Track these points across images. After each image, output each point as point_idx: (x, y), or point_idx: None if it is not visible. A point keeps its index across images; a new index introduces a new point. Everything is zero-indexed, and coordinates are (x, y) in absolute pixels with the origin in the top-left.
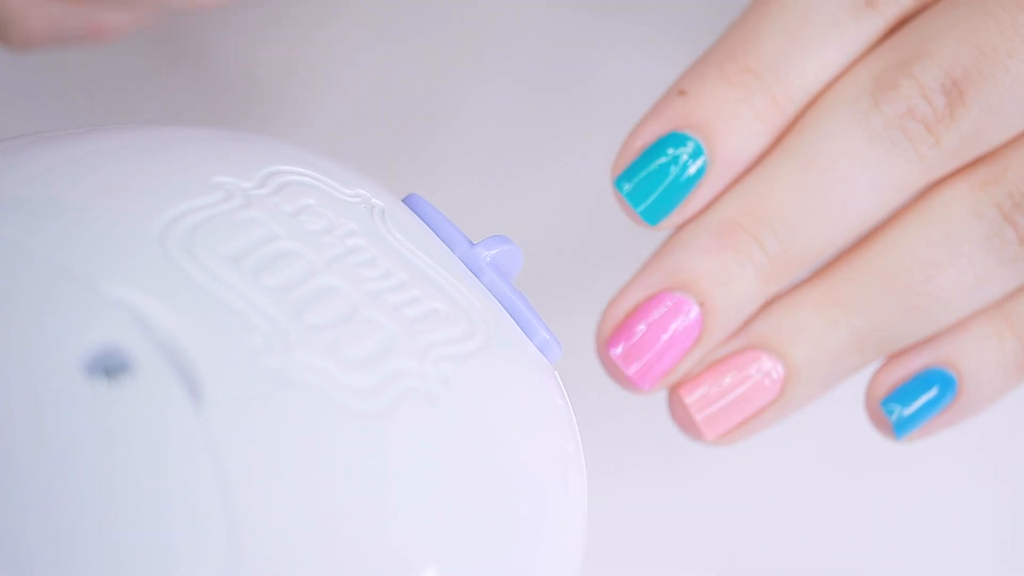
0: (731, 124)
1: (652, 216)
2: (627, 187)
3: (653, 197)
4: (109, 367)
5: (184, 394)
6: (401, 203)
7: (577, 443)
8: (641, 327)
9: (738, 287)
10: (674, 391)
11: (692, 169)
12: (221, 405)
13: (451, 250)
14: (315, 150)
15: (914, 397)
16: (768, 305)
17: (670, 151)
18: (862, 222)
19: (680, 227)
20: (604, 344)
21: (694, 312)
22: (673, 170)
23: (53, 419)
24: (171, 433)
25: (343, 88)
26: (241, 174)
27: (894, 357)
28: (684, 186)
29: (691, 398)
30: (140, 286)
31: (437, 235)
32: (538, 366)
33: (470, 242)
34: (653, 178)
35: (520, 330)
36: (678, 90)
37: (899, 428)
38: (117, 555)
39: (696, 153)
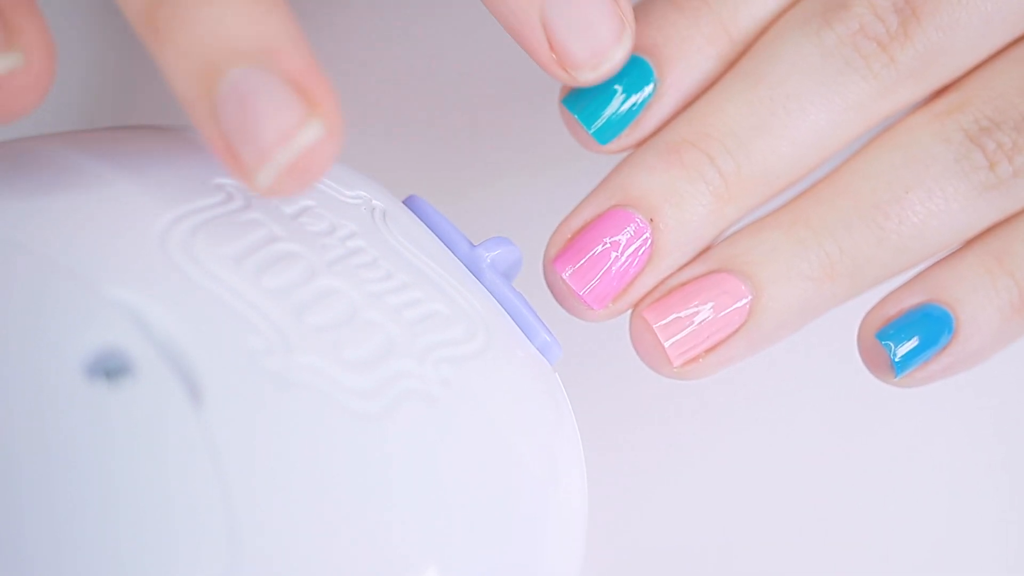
0: (680, 47)
1: (603, 135)
2: (578, 107)
3: (604, 117)
4: (110, 369)
5: (184, 396)
6: (402, 204)
7: (577, 444)
8: (590, 244)
9: (690, 205)
10: (638, 315)
11: (641, 88)
12: (221, 407)
13: (452, 252)
14: None
15: (911, 332)
16: (734, 234)
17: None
18: (819, 143)
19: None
20: (551, 264)
21: (644, 228)
22: (622, 89)
23: (54, 421)
24: (171, 435)
25: (343, 89)
26: None
27: (886, 297)
28: (634, 106)
29: (657, 321)
30: (141, 288)
31: (438, 236)
32: (538, 368)
33: (471, 244)
34: (603, 97)
35: (520, 332)
36: None
37: (898, 365)
38: (118, 556)
39: (645, 73)
